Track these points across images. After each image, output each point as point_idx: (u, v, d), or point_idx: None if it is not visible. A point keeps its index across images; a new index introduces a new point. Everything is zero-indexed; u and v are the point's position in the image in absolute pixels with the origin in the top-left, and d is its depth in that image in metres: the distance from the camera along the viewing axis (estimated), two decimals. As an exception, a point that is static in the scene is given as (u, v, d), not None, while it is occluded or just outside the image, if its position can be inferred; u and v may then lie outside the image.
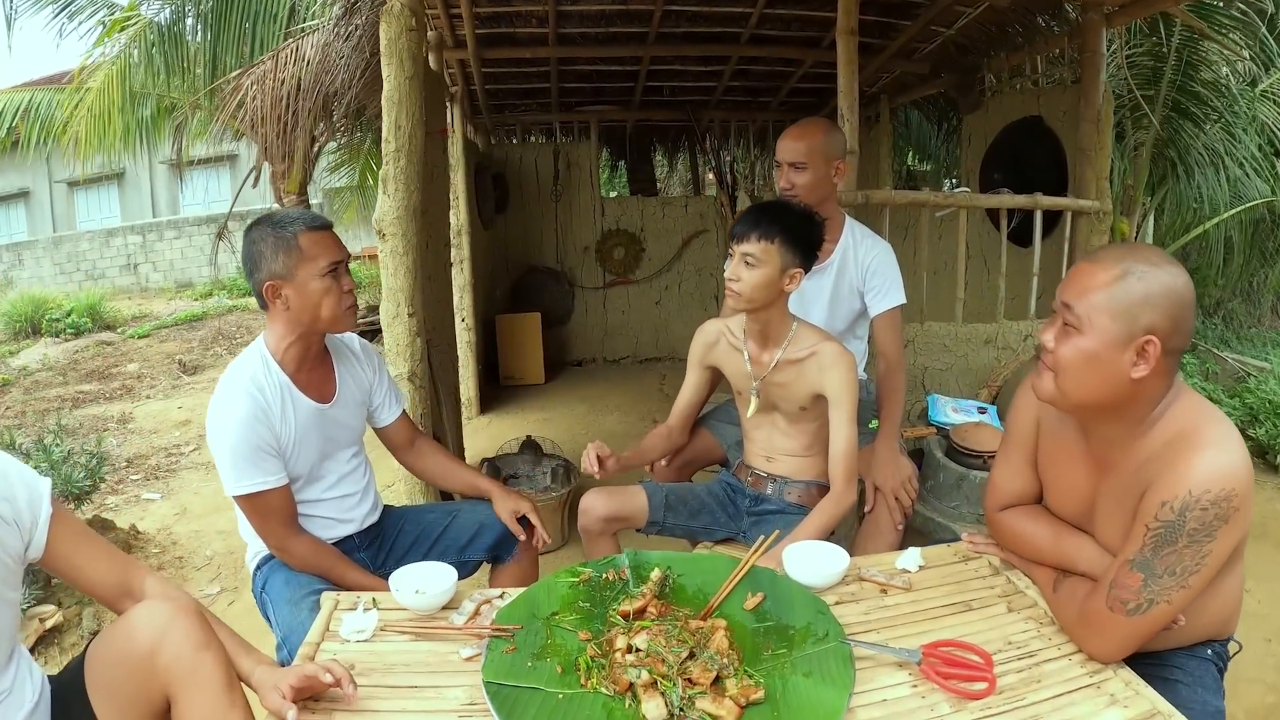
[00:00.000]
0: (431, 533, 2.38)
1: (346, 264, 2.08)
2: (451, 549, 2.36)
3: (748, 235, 2.21)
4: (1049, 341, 1.59)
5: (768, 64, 6.47)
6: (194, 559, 3.78)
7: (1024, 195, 4.04)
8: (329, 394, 2.19)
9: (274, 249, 2.00)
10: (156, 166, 15.58)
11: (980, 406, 3.46)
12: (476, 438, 5.44)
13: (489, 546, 2.38)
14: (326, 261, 2.01)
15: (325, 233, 2.05)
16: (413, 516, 2.45)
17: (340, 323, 2.08)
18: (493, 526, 2.38)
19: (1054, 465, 1.78)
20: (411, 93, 3.11)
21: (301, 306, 2.03)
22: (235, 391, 2.00)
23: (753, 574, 1.85)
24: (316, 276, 2.01)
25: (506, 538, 2.38)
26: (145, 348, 9.80)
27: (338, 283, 2.04)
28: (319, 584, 2.05)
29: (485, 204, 6.79)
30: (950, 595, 1.81)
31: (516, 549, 2.41)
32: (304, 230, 2.01)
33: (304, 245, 2.00)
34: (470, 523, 2.39)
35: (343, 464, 2.25)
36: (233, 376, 2.04)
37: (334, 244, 2.06)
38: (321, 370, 2.20)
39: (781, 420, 2.48)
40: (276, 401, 2.04)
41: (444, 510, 2.46)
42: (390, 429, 2.45)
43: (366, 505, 2.32)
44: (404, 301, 3.16)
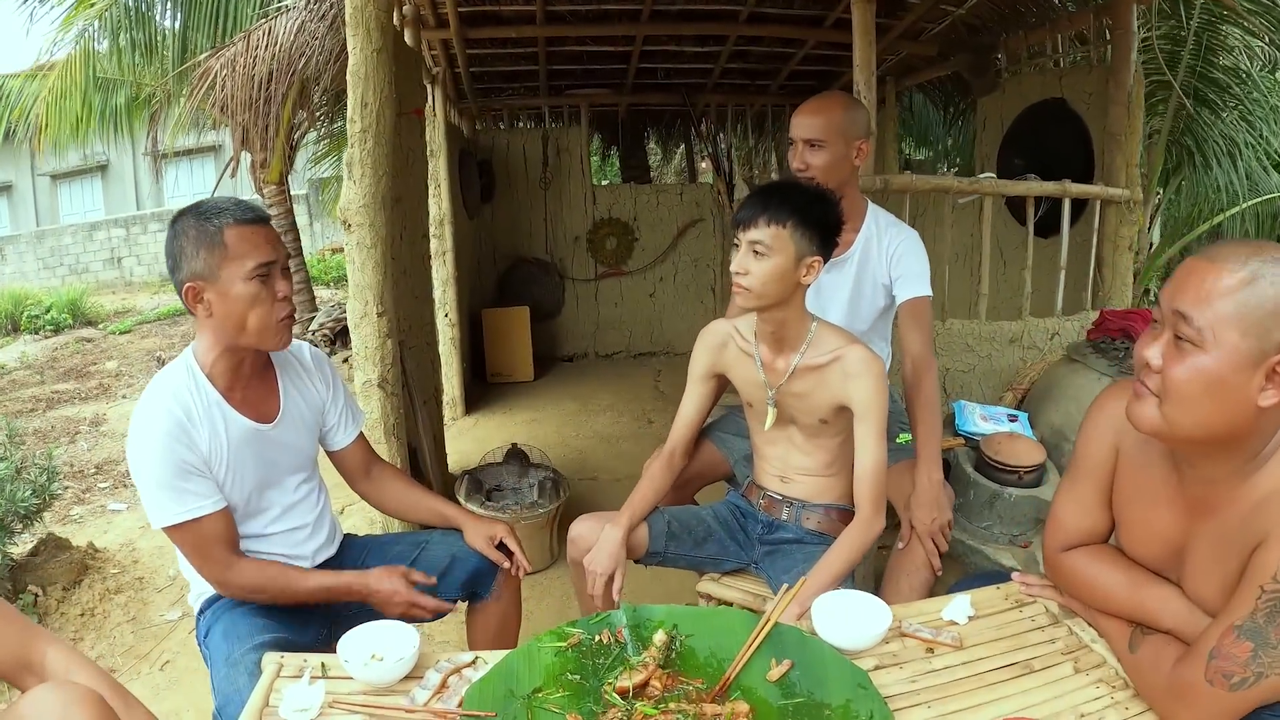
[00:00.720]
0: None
1: (284, 266, 1.76)
2: (418, 587, 2.03)
3: (755, 220, 1.89)
4: (1154, 359, 1.29)
5: (767, 45, 6.14)
6: (155, 579, 3.46)
7: (1052, 182, 3.73)
8: (270, 413, 1.86)
9: (196, 244, 1.68)
10: (140, 158, 15.27)
11: (1010, 414, 3.16)
12: (461, 440, 5.12)
13: (463, 582, 2.06)
14: (255, 262, 1.68)
15: (257, 227, 1.72)
16: (376, 549, 2.12)
17: (269, 337, 1.75)
18: (467, 559, 2.06)
19: (1136, 503, 1.51)
20: (379, 67, 2.78)
21: (225, 314, 1.71)
22: (152, 408, 1.71)
23: (776, 634, 1.53)
24: (242, 279, 1.68)
25: (483, 571, 2.07)
26: (126, 344, 9.52)
27: (268, 289, 1.71)
28: (262, 636, 1.72)
29: (470, 192, 6.46)
30: (1007, 653, 1.54)
31: (495, 583, 2.09)
32: (231, 223, 1.69)
33: (229, 241, 1.68)
34: (441, 555, 2.07)
35: (289, 493, 1.93)
36: (151, 392, 1.74)
37: (266, 241, 1.72)
38: (261, 386, 1.87)
39: (799, 435, 2.17)
40: (203, 419, 1.74)
41: (411, 541, 2.13)
42: (344, 454, 2.11)
43: (320, 538, 1.99)
44: (372, 299, 2.83)
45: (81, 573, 3.39)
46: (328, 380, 2.03)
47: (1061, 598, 1.64)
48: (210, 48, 6.74)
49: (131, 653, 2.96)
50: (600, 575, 2.00)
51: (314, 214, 16.12)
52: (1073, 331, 3.84)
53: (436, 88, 5.63)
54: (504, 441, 5.03)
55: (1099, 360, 3.24)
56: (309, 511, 1.97)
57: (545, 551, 3.46)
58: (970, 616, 1.64)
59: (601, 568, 2.01)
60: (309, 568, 1.94)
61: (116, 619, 3.16)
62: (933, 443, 2.32)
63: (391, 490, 2.17)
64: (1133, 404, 1.36)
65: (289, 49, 5.41)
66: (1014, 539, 2.76)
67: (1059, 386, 3.34)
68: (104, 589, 3.32)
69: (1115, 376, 3.12)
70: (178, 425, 1.68)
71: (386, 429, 2.90)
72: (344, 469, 2.14)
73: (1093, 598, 1.55)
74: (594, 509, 3.93)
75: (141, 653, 2.95)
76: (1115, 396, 1.55)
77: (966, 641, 1.56)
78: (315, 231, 16.39)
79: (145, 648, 2.98)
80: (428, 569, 2.02)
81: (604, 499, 4.22)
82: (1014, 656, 1.52)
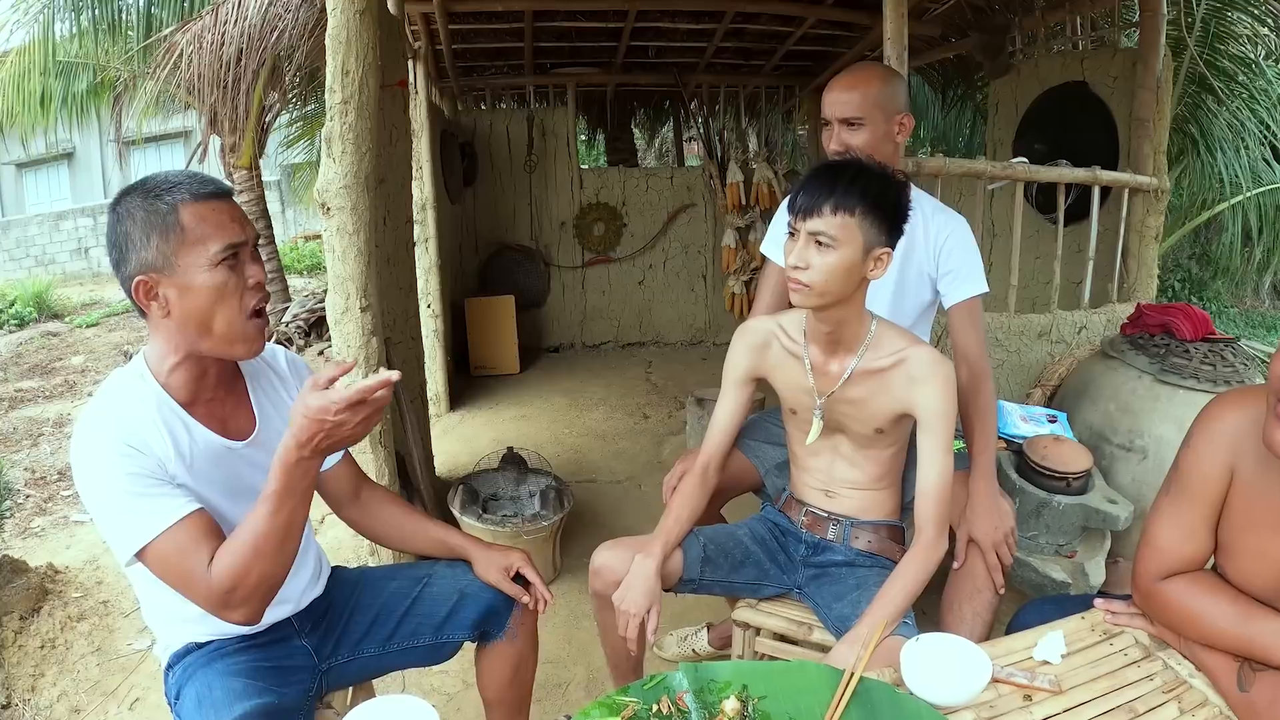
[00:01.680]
0: (395, 608, 1.77)
1: (253, 248, 1.45)
2: (425, 628, 1.76)
3: (819, 208, 1.63)
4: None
5: (764, 23, 5.87)
6: (121, 603, 3.12)
7: (1083, 169, 3.51)
8: (242, 429, 1.56)
9: (145, 228, 1.37)
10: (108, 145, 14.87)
11: (1050, 415, 2.94)
12: (447, 440, 4.83)
13: (474, 622, 1.78)
14: (220, 244, 1.38)
15: (218, 202, 1.41)
16: (370, 585, 1.81)
17: (238, 343, 1.44)
18: (478, 595, 1.78)
19: (1251, 529, 1.36)
20: (363, 31, 2.50)
21: (186, 313, 1.39)
22: (94, 424, 1.39)
23: (862, 690, 1.31)
24: (205, 267, 1.37)
25: (497, 609, 1.79)
26: (93, 338, 9.14)
27: (238, 276, 1.41)
28: (241, 703, 1.42)
29: (452, 175, 6.15)
30: (1108, 694, 1.38)
31: (511, 622, 1.81)
32: (187, 200, 1.38)
33: (187, 222, 1.37)
34: (447, 591, 1.79)
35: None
36: (93, 408, 1.42)
37: (232, 219, 1.41)
38: (230, 399, 1.56)
39: (847, 445, 1.92)
40: (160, 427, 1.42)
41: (411, 576, 1.83)
42: (328, 475, 1.78)
43: (305, 576, 1.69)
44: (355, 292, 2.55)
45: (41, 598, 3.06)
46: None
47: (1153, 628, 1.51)
48: (177, 21, 6.38)
49: (97, 689, 2.65)
50: (635, 616, 1.74)
51: (286, 200, 15.76)
52: (1099, 325, 3.62)
53: (418, 65, 5.32)
54: (492, 440, 4.78)
55: (1138, 357, 3.03)
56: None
57: (548, 566, 3.18)
58: (1063, 655, 1.47)
59: (636, 607, 1.75)
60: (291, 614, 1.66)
61: (80, 650, 2.84)
62: (989, 452, 2.09)
63: (384, 516, 1.85)
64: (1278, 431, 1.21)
65: (260, 23, 5.07)
66: (1060, 549, 2.58)
67: (1095, 384, 3.12)
68: (65, 616, 2.99)
69: (1158, 375, 2.93)
70: (125, 431, 1.37)
71: (373, 437, 2.62)
72: (327, 492, 1.81)
73: (1196, 631, 1.41)
74: (595, 514, 3.77)
75: (108, 689, 2.64)
76: (1228, 411, 1.39)
77: (1064, 684, 1.40)
78: (288, 219, 16.05)
79: (112, 683, 2.67)
80: (434, 608, 1.76)
81: (605, 503, 3.96)
82: (1115, 699, 1.37)
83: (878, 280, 2.04)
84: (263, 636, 1.61)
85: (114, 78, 7.79)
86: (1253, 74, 6.33)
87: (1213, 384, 2.85)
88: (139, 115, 7.46)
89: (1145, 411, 2.91)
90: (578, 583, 3.18)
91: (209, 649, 1.55)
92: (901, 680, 1.35)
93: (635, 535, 2.08)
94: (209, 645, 1.55)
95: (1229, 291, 8.89)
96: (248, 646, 1.57)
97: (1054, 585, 2.47)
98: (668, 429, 5.07)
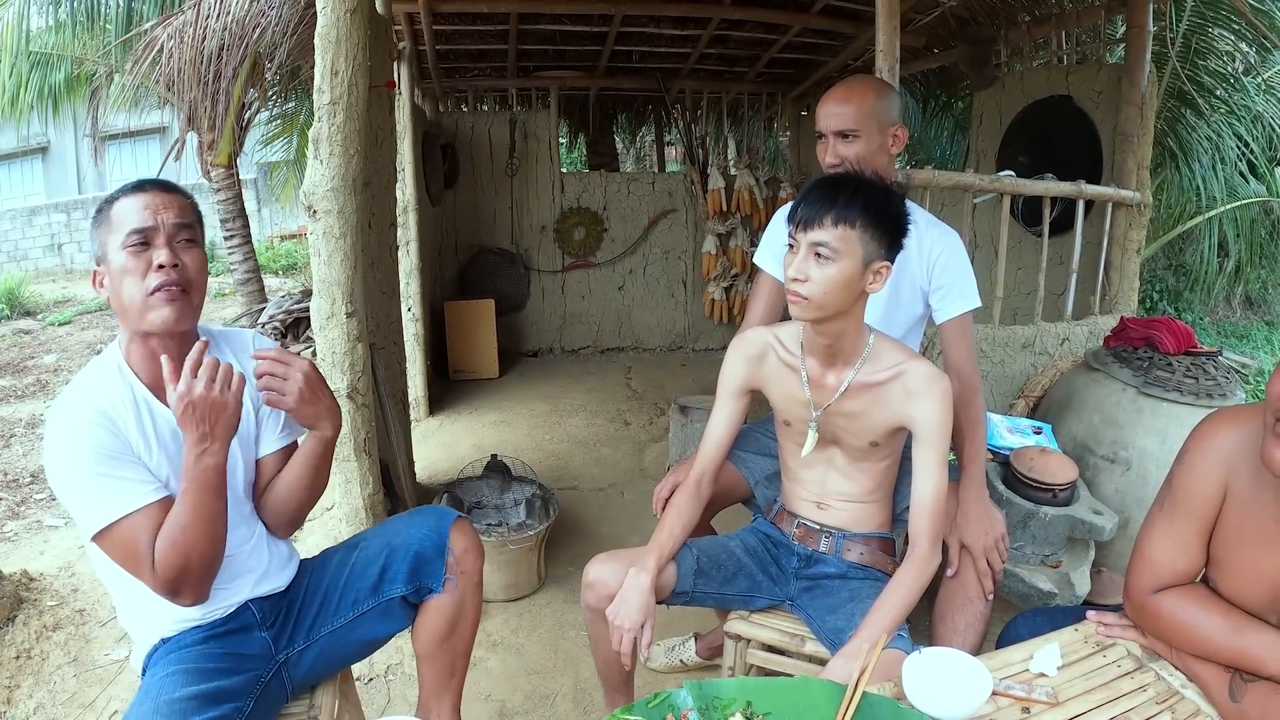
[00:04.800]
0: (337, 580, 1.77)
1: (168, 233, 1.51)
2: (364, 592, 1.76)
3: (820, 219, 1.62)
4: None
5: (749, 30, 5.87)
6: (98, 611, 3.03)
7: (1068, 183, 3.53)
8: None
9: (95, 224, 1.55)
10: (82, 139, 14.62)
11: (1035, 426, 2.96)
12: (427, 445, 4.79)
13: (407, 574, 1.77)
14: (126, 229, 1.49)
15: (143, 194, 1.52)
16: (316, 571, 1.81)
17: (144, 315, 1.50)
18: (405, 547, 1.78)
19: (1244, 544, 1.39)
20: (353, 30, 2.46)
21: (114, 294, 1.53)
22: (69, 404, 1.49)
23: (866, 706, 1.30)
24: (117, 250, 1.50)
25: (428, 555, 1.78)
26: (65, 336, 8.99)
27: (139, 260, 1.49)
28: (183, 689, 1.46)
29: (434, 177, 6.10)
30: (1103, 706, 1.40)
31: (447, 570, 1.78)
32: (120, 197, 1.53)
33: (113, 214, 1.52)
34: (377, 549, 1.79)
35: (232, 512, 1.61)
36: (70, 389, 1.53)
37: (146, 206, 1.51)
38: None
39: (840, 458, 1.92)
40: (127, 411, 1.51)
41: (347, 545, 1.86)
42: (261, 464, 1.73)
43: (261, 560, 1.69)
44: (341, 297, 2.51)
45: (15, 607, 2.98)
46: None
47: (1144, 639, 1.54)
48: (157, 15, 6.28)
49: (75, 701, 2.58)
50: (629, 631, 1.73)
51: (262, 199, 15.59)
52: (1082, 336, 3.65)
53: (401, 65, 5.27)
54: (472, 446, 4.74)
55: (1122, 370, 3.06)
56: (249, 526, 1.68)
57: (533, 575, 3.15)
58: (1059, 667, 1.49)
59: (630, 622, 1.73)
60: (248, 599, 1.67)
61: (56, 660, 2.77)
62: (979, 461, 2.12)
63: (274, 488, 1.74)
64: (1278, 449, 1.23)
65: (243, 19, 4.99)
66: (1045, 559, 2.60)
67: (1079, 396, 3.15)
68: (41, 625, 2.92)
69: (1141, 388, 2.96)
70: (98, 412, 1.46)
71: (357, 445, 2.58)
72: (260, 481, 1.74)
73: (1189, 643, 1.44)
74: (578, 522, 3.74)
75: (86, 700, 2.57)
76: (1222, 429, 1.41)
77: (1061, 695, 1.42)
78: (264, 217, 15.88)
79: (90, 694, 2.60)
80: (368, 570, 1.77)
81: (588, 510, 3.94)
82: (1111, 710, 1.39)
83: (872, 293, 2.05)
84: (222, 627, 1.62)
85: (91, 71, 7.68)
86: (1231, 89, 6.41)
87: (1195, 397, 2.87)
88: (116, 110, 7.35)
89: (1129, 424, 2.93)
90: (563, 592, 3.15)
91: (172, 643, 1.59)
92: (903, 694, 1.35)
93: (620, 544, 2.07)
94: (173, 638, 1.59)
95: (1202, 302, 9.01)
96: (207, 638, 1.60)
97: (1040, 595, 2.48)
98: (649, 435, 5.05)
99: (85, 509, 1.43)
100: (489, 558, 3.00)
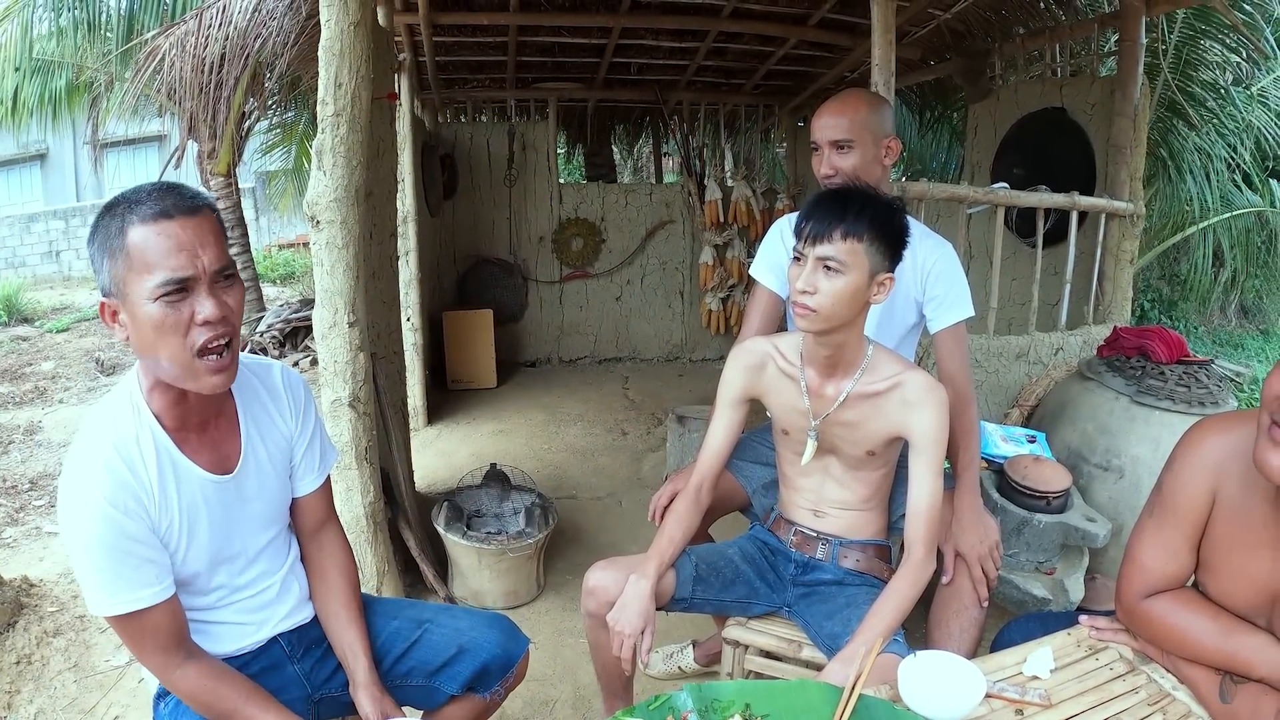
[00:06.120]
0: (392, 648, 1.72)
1: (209, 279, 1.29)
2: (418, 673, 1.72)
3: (828, 233, 1.66)
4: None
5: (746, 42, 5.91)
6: (97, 618, 3.02)
7: (1062, 195, 3.58)
8: (230, 459, 1.50)
9: (101, 248, 1.28)
10: (81, 146, 14.65)
11: (1029, 435, 2.99)
12: (426, 454, 4.80)
13: (468, 678, 1.71)
14: (160, 278, 1.24)
15: (172, 223, 1.26)
16: (369, 619, 1.74)
17: (187, 379, 1.32)
18: (477, 650, 1.71)
19: (1233, 548, 1.40)
20: (356, 43, 2.49)
21: (140, 344, 1.31)
22: (91, 461, 1.33)
23: (863, 708, 1.33)
24: (146, 299, 1.25)
25: (493, 670, 1.73)
26: (63, 343, 8.91)
27: (179, 313, 1.27)
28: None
29: (433, 188, 6.13)
30: (1096, 708, 1.42)
31: (503, 685, 1.76)
32: (136, 221, 1.25)
33: (133, 246, 1.25)
34: (446, 641, 1.73)
35: (251, 551, 1.58)
36: (92, 433, 1.36)
37: (181, 246, 1.26)
38: (221, 422, 1.50)
39: (837, 466, 1.95)
40: (150, 475, 1.37)
41: (411, 619, 1.77)
42: (303, 503, 1.69)
43: (292, 595, 1.65)
44: (343, 307, 2.54)
45: (16, 613, 3.00)
46: (299, 408, 1.63)
47: (1136, 642, 1.56)
48: (158, 25, 6.32)
49: (75, 707, 2.59)
50: (629, 637, 1.75)
51: (260, 208, 15.61)
52: (1076, 346, 3.69)
53: (401, 76, 5.31)
54: (470, 455, 4.76)
55: (1115, 379, 3.10)
56: (278, 559, 1.64)
57: (532, 583, 3.17)
58: (1052, 669, 1.51)
59: (631, 628, 1.75)
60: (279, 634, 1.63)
61: (57, 666, 2.78)
62: (973, 468, 2.14)
63: (324, 575, 1.71)
64: (1272, 452, 1.23)
65: (244, 30, 5.02)
66: (1039, 566, 2.63)
67: (1073, 405, 3.18)
68: (41, 631, 2.93)
69: (1134, 397, 2.99)
70: (121, 487, 1.33)
71: (358, 453, 2.60)
72: (296, 519, 1.72)
73: (1179, 646, 1.46)
74: (577, 531, 3.77)
75: (86, 706, 2.59)
76: (1211, 436, 1.43)
77: (1054, 697, 1.44)
78: (262, 226, 15.90)
79: (90, 700, 2.62)
80: (430, 656, 1.72)
81: (586, 519, 3.96)
82: (1103, 711, 1.42)
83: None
84: (254, 663, 1.58)
85: (91, 79, 7.71)
86: (1223, 100, 6.47)
87: (1187, 405, 2.90)
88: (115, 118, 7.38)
89: (1122, 432, 2.96)
90: (561, 599, 3.17)
91: None
92: (899, 697, 1.37)
93: (618, 552, 2.09)
94: None
95: (1197, 311, 9.06)
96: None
97: (1035, 601, 2.51)
98: (646, 445, 5.08)
99: (88, 587, 1.33)
100: (488, 565, 3.03)
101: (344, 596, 1.68)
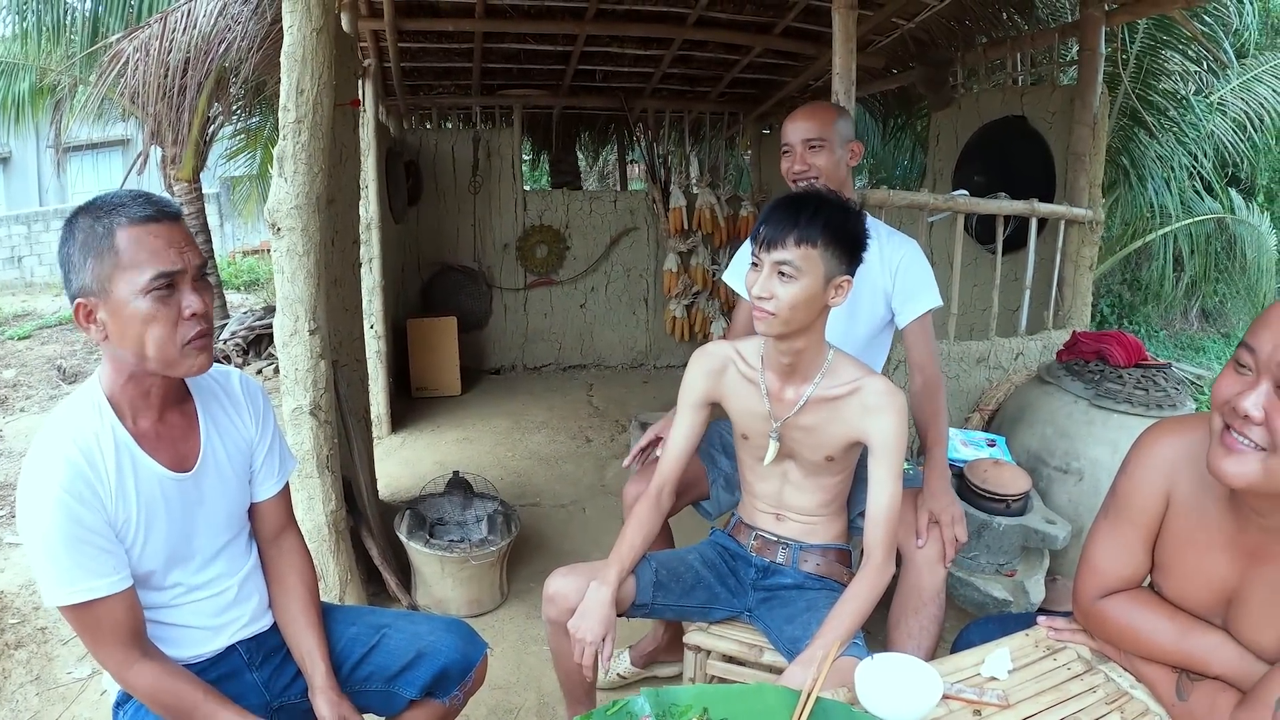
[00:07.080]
0: (350, 654, 1.72)
1: (197, 276, 1.41)
2: (377, 678, 1.71)
3: (783, 239, 1.68)
4: (1254, 411, 1.18)
5: (712, 50, 5.94)
6: (59, 629, 2.98)
7: (1021, 202, 3.63)
8: (189, 457, 1.52)
9: (84, 250, 1.35)
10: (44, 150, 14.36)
11: (989, 438, 3.02)
12: (389, 462, 4.76)
13: (426, 683, 1.71)
14: (152, 273, 1.34)
15: (160, 225, 1.37)
16: (328, 626, 1.74)
17: (178, 364, 1.41)
18: (435, 654, 1.72)
19: (1187, 549, 1.42)
20: (319, 49, 2.48)
21: (121, 337, 1.37)
22: (50, 455, 1.36)
23: (820, 710, 1.33)
24: (137, 295, 1.34)
25: (450, 673, 1.74)
26: (25, 351, 8.74)
27: (168, 307, 1.36)
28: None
29: (397, 195, 6.09)
30: (1053, 707, 1.43)
31: (459, 689, 1.76)
32: (124, 223, 1.34)
33: (121, 246, 1.34)
34: (405, 646, 1.73)
35: (209, 553, 1.58)
36: (52, 431, 1.39)
37: (169, 244, 1.37)
38: (181, 422, 1.53)
39: (796, 472, 1.96)
40: (109, 469, 1.39)
41: (370, 624, 1.77)
42: (263, 507, 1.71)
43: (252, 602, 1.64)
44: (304, 315, 2.52)
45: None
46: (259, 413, 1.67)
47: (1093, 642, 1.57)
48: (123, 28, 6.24)
49: (37, 719, 2.55)
50: (590, 644, 1.75)
51: (225, 214, 15.42)
52: (1036, 351, 3.74)
53: (366, 82, 5.28)
54: (434, 463, 4.73)
55: (1073, 383, 3.15)
56: (237, 563, 1.63)
57: (495, 591, 3.15)
58: (1009, 670, 1.52)
59: (591, 635, 1.75)
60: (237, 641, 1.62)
61: (18, 679, 2.72)
62: (942, 446, 2.25)
63: (281, 572, 1.73)
64: (1225, 458, 1.24)
65: (209, 34, 4.97)
66: (1000, 568, 2.67)
67: (1032, 409, 3.23)
68: (2, 644, 2.87)
69: (1093, 400, 3.04)
70: (77, 477, 1.35)
71: (320, 461, 2.58)
72: (256, 524, 1.73)
73: (1135, 645, 1.47)
74: (540, 538, 3.76)
75: (48, 719, 2.54)
76: (1163, 438, 1.44)
77: (1012, 698, 1.45)
78: (226, 233, 15.70)
79: (52, 713, 2.56)
80: (388, 661, 1.72)
81: (550, 526, 3.94)
82: (1061, 711, 1.42)
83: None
84: (212, 670, 1.57)
85: (55, 82, 7.59)
86: (1183, 109, 6.60)
87: (1145, 408, 2.95)
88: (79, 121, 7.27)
89: (1081, 435, 3.01)
90: (525, 607, 3.16)
91: None
92: (856, 699, 1.38)
93: (582, 559, 2.09)
94: None
95: (1159, 315, 9.22)
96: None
97: (995, 603, 2.54)
98: (610, 452, 5.07)
99: (42, 576, 1.35)
100: (451, 573, 3.00)
101: (302, 602, 1.69)
